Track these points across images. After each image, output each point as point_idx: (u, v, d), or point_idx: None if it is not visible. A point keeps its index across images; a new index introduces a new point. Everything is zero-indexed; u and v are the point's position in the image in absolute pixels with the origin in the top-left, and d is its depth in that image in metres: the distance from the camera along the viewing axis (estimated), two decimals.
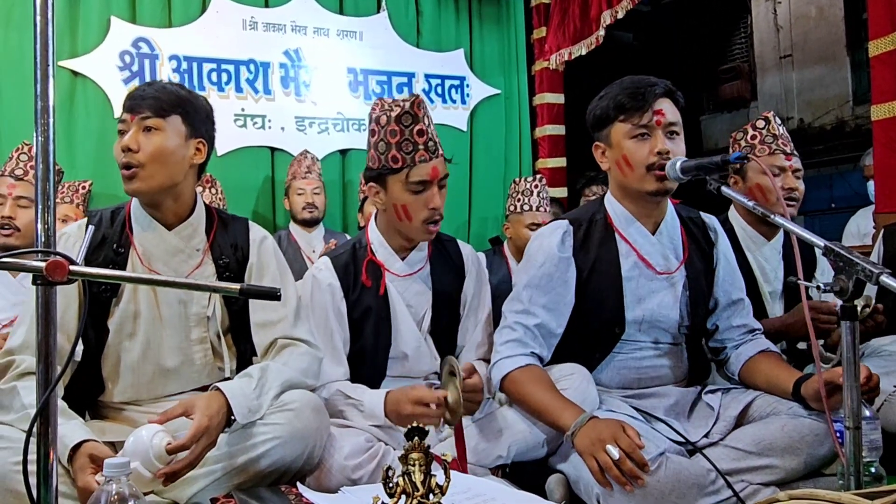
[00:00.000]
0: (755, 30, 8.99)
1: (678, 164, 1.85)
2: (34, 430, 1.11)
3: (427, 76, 4.67)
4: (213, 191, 3.61)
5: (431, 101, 4.65)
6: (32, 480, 1.11)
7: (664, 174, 1.90)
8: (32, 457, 1.09)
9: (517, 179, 3.81)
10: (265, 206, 4.23)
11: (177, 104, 1.84)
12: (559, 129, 4.94)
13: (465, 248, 2.30)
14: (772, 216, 1.60)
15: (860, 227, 4.20)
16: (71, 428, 1.55)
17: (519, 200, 3.69)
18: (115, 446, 1.61)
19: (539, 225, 3.50)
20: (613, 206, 2.07)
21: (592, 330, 2.04)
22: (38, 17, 1.13)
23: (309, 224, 3.83)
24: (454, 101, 4.75)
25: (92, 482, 1.43)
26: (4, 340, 1.85)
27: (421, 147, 2.01)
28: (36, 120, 1.13)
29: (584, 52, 4.55)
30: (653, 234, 2.05)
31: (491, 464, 1.91)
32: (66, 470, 1.52)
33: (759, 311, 2.37)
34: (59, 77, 3.62)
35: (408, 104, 2.02)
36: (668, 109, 1.95)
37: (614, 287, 2.01)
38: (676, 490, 1.61)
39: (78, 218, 3.06)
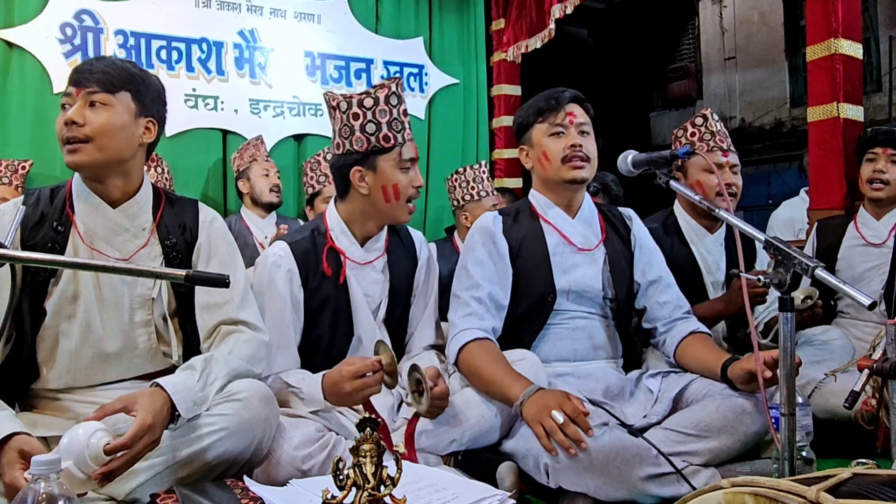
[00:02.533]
0: (702, 31, 9.30)
1: (629, 157, 1.92)
2: None
3: (385, 63, 4.59)
4: (159, 170, 3.48)
5: None
6: None
7: (581, 165, 2.17)
8: None
9: (460, 169, 3.82)
10: (216, 189, 4.10)
11: (127, 81, 1.77)
12: (513, 122, 4.92)
13: (417, 235, 2.35)
14: (716, 210, 1.72)
15: (792, 219, 4.30)
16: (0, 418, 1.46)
17: (473, 188, 3.74)
18: (48, 441, 1.52)
19: (496, 206, 3.63)
20: (536, 197, 2.31)
21: (529, 301, 2.19)
22: None
23: (273, 208, 3.74)
24: (412, 90, 4.68)
25: (20, 479, 1.35)
26: None
27: (407, 126, 2.12)
28: None
29: (538, 46, 4.64)
30: (572, 218, 2.27)
31: (444, 449, 1.94)
32: None
33: (702, 300, 2.55)
34: None
35: (394, 85, 2.10)
36: (578, 112, 2.23)
37: (543, 259, 2.20)
38: (620, 457, 1.71)
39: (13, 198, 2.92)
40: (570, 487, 1.74)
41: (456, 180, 3.81)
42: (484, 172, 3.76)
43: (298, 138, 4.33)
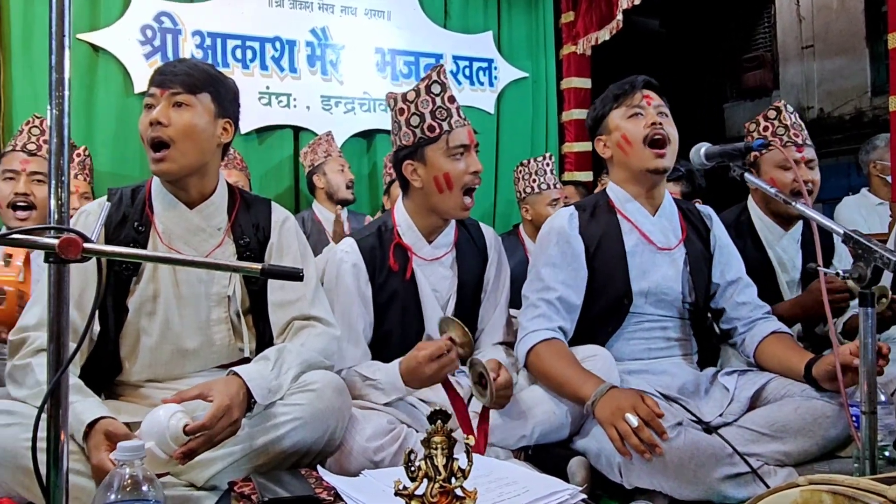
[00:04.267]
0: (778, 20, 9.00)
1: (702, 149, 1.88)
2: (45, 409, 1.08)
3: (455, 58, 4.60)
4: (238, 168, 3.58)
5: (459, 83, 4.58)
6: (42, 458, 1.09)
7: (662, 152, 2.08)
8: (43, 434, 1.07)
9: (524, 161, 3.80)
10: (288, 185, 4.19)
11: (207, 82, 1.83)
12: (585, 114, 4.87)
13: (488, 231, 2.33)
14: (793, 203, 1.65)
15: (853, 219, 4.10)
16: (87, 405, 1.54)
17: (535, 181, 3.71)
18: (131, 427, 1.58)
19: (558, 200, 3.61)
20: (615, 190, 2.21)
21: (604, 303, 2.13)
22: None
23: (347, 203, 3.79)
24: (481, 84, 4.68)
25: (106, 460, 1.42)
26: None
27: (454, 113, 2.09)
28: (50, 93, 1.09)
29: (607, 38, 4.57)
30: (653, 215, 2.18)
31: (514, 444, 1.94)
32: (81, 448, 1.51)
33: (777, 300, 2.45)
34: (79, 51, 3.58)
35: (434, 74, 2.11)
36: (654, 96, 2.16)
37: (620, 261, 2.12)
38: (695, 459, 1.68)
39: (78, 188, 3.06)
40: (644, 486, 1.73)
41: (520, 172, 3.79)
42: (548, 165, 3.73)
43: (369, 134, 4.38)
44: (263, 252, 1.94)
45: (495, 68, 4.73)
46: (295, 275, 1.16)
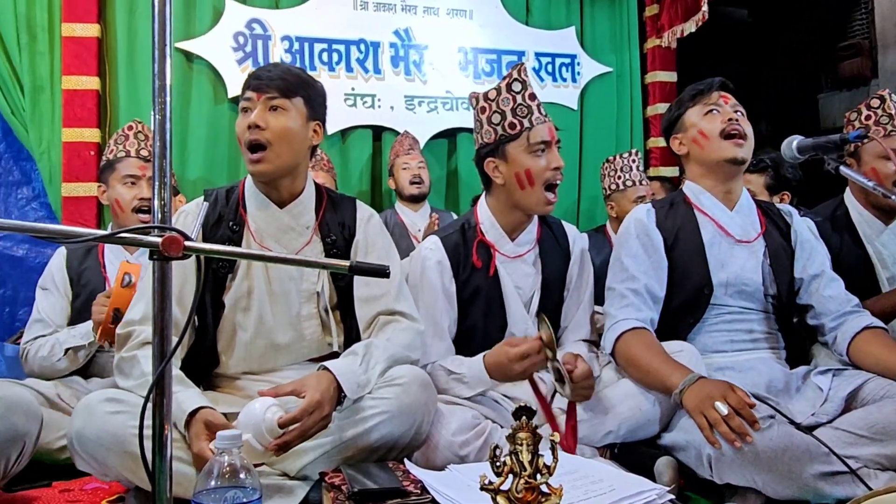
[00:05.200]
0: (876, 5, 8.50)
1: (794, 142, 1.85)
2: (150, 398, 1.13)
3: (537, 54, 4.57)
4: (326, 168, 3.66)
5: (541, 80, 4.55)
6: (148, 445, 1.13)
7: (740, 143, 2.09)
8: (149, 422, 1.12)
9: (611, 157, 3.76)
10: (369, 184, 4.27)
11: (300, 86, 1.89)
12: (664, 118, 4.76)
13: (571, 230, 2.33)
14: (893, 196, 1.62)
15: None
16: (188, 395, 1.61)
17: (620, 178, 3.66)
18: (228, 417, 1.65)
19: (643, 198, 3.56)
20: (691, 187, 2.23)
21: (684, 295, 2.12)
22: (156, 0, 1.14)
23: (416, 200, 3.84)
24: (564, 80, 4.64)
25: (206, 449, 1.48)
26: None
27: (535, 110, 2.11)
28: (154, 99, 1.14)
29: (693, 30, 4.46)
30: (731, 210, 2.18)
31: (600, 441, 1.93)
32: (183, 436, 1.58)
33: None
34: (174, 59, 3.75)
35: (515, 72, 2.12)
36: (730, 96, 2.18)
37: (698, 252, 2.12)
38: (789, 452, 1.61)
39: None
40: (736, 482, 1.67)
41: (606, 169, 3.75)
42: (634, 161, 3.67)
43: (451, 133, 4.40)
44: (349, 249, 1.99)
45: (578, 64, 4.67)
46: (382, 271, 1.18)
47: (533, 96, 2.12)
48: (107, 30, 3.74)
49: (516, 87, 2.11)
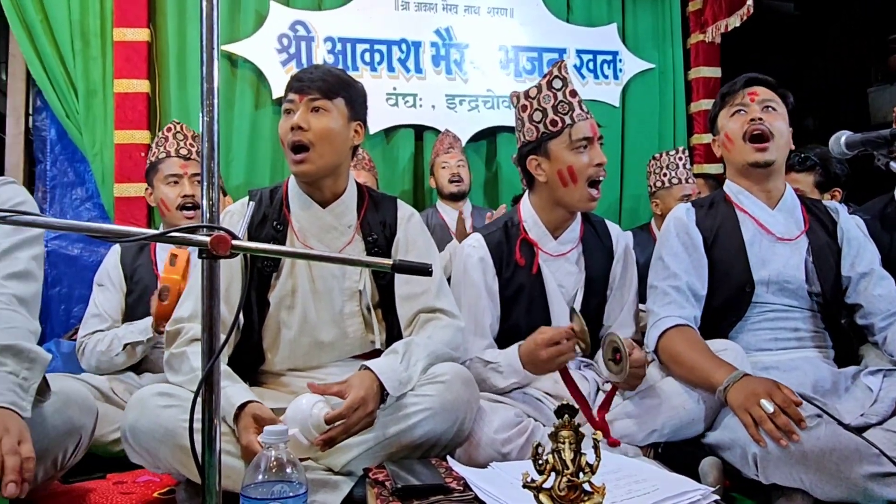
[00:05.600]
0: None
1: (843, 138, 1.81)
2: (200, 393, 1.16)
3: (578, 52, 4.55)
4: (367, 167, 3.70)
5: (583, 77, 4.53)
6: (198, 438, 1.16)
7: (763, 147, 2.09)
8: (198, 416, 1.15)
9: (657, 155, 3.73)
10: (410, 183, 4.30)
11: (342, 87, 1.91)
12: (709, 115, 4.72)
13: (614, 229, 2.32)
14: None
15: None
16: (237, 390, 1.65)
17: (665, 175, 3.63)
18: (274, 412, 1.68)
19: (688, 196, 3.52)
20: (730, 186, 2.23)
21: (726, 293, 2.11)
22: (204, 4, 1.17)
23: (456, 198, 3.85)
24: (606, 77, 4.61)
25: (254, 442, 1.51)
26: None
27: (577, 106, 2.11)
28: (202, 101, 1.17)
29: (738, 24, 4.39)
30: (772, 209, 2.16)
31: (644, 440, 1.92)
32: (231, 429, 1.61)
33: None
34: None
35: (555, 69, 2.13)
36: (762, 91, 2.16)
37: (738, 250, 2.11)
38: (837, 452, 1.56)
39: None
40: (783, 482, 1.64)
41: (652, 166, 3.72)
42: (680, 159, 3.63)
43: (492, 131, 4.40)
44: (390, 248, 2.01)
45: (620, 60, 4.63)
46: (424, 270, 1.19)
47: (574, 93, 2.12)
48: (156, 34, 3.83)
49: (557, 84, 2.12)
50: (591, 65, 4.57)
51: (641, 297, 2.34)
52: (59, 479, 1.84)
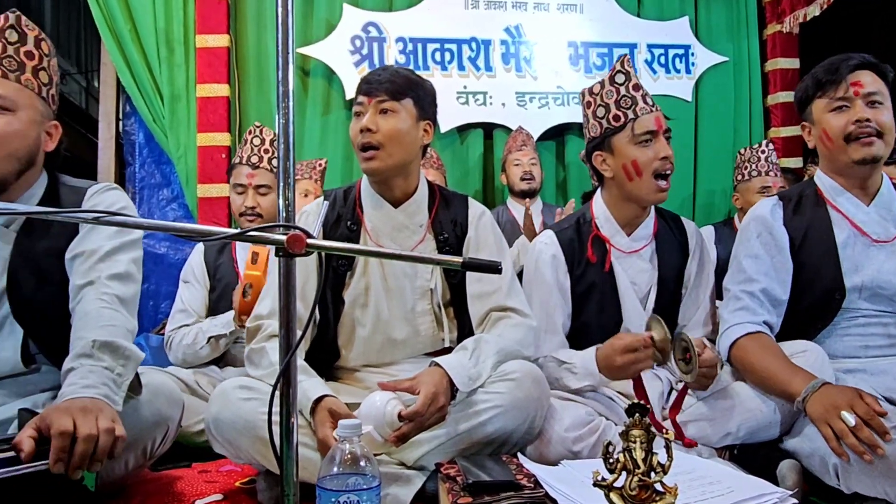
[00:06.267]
0: None
1: None
2: (278, 387, 1.20)
3: (649, 46, 4.48)
4: (435, 166, 3.74)
5: (654, 72, 4.47)
6: (276, 431, 1.21)
7: (869, 142, 1.91)
8: (277, 409, 1.19)
9: (742, 150, 3.67)
10: (484, 181, 4.32)
11: (409, 88, 1.93)
12: (794, 96, 4.54)
13: (690, 226, 2.27)
14: None
15: None
16: (313, 384, 1.70)
17: (746, 168, 3.58)
18: (348, 407, 1.72)
19: (768, 189, 3.45)
20: (823, 180, 2.07)
21: (812, 298, 1.99)
22: (280, 9, 1.21)
23: (527, 196, 3.85)
24: (678, 71, 4.52)
25: (330, 436, 1.56)
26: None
27: (640, 100, 2.08)
28: (277, 104, 1.21)
29: (817, 13, 4.24)
30: (867, 205, 2.01)
31: (718, 443, 1.89)
32: (308, 423, 1.66)
33: None
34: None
35: (618, 64, 2.12)
36: (868, 80, 1.94)
37: (830, 254, 1.97)
38: None
39: (316, 192, 3.32)
40: (866, 492, 1.57)
41: (737, 160, 3.67)
42: (763, 152, 3.55)
43: (563, 128, 4.37)
44: (461, 246, 2.02)
45: (692, 54, 4.54)
46: (493, 267, 1.20)
47: (637, 87, 2.10)
48: (235, 40, 3.98)
49: (619, 78, 2.11)
50: (662, 59, 4.49)
51: (721, 294, 2.26)
52: (149, 467, 1.93)
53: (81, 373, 1.44)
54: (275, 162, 2.70)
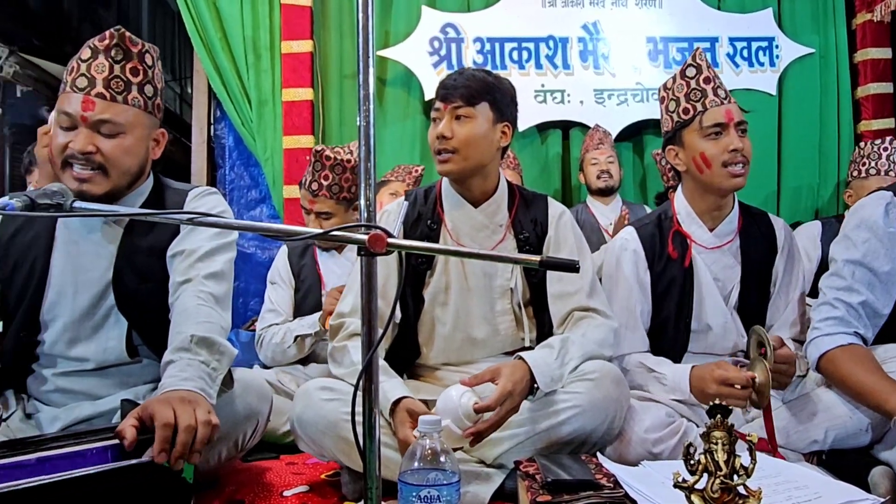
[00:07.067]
0: None
1: None
2: (360, 385, 1.23)
3: (731, 40, 4.35)
4: (512, 165, 3.74)
5: (736, 66, 4.34)
6: (359, 429, 1.24)
7: None
8: (359, 408, 1.22)
9: (862, 144, 3.49)
10: (563, 179, 4.30)
11: (485, 91, 1.94)
12: (886, 87, 4.39)
13: (777, 222, 2.20)
14: None
15: None
16: (392, 385, 1.74)
17: (864, 164, 3.34)
18: (428, 404, 1.76)
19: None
20: None
21: None
22: (360, 15, 1.24)
23: (605, 194, 3.82)
24: (762, 64, 4.37)
25: (410, 435, 1.59)
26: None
27: (710, 93, 2.05)
28: (358, 106, 1.24)
29: None
30: None
31: (805, 449, 1.83)
32: (388, 422, 1.71)
33: None
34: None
35: (690, 58, 2.10)
36: None
37: None
38: None
39: (403, 195, 3.37)
40: None
41: (854, 155, 3.48)
42: (885, 149, 3.32)
43: (642, 124, 4.31)
44: (541, 246, 2.03)
45: (776, 46, 4.38)
46: (571, 266, 1.20)
47: (708, 80, 2.07)
48: (319, 45, 4.09)
49: (690, 72, 2.09)
50: (745, 52, 4.36)
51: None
52: (240, 458, 2.02)
53: (180, 366, 1.51)
54: (335, 189, 2.72)
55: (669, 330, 2.08)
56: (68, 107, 1.67)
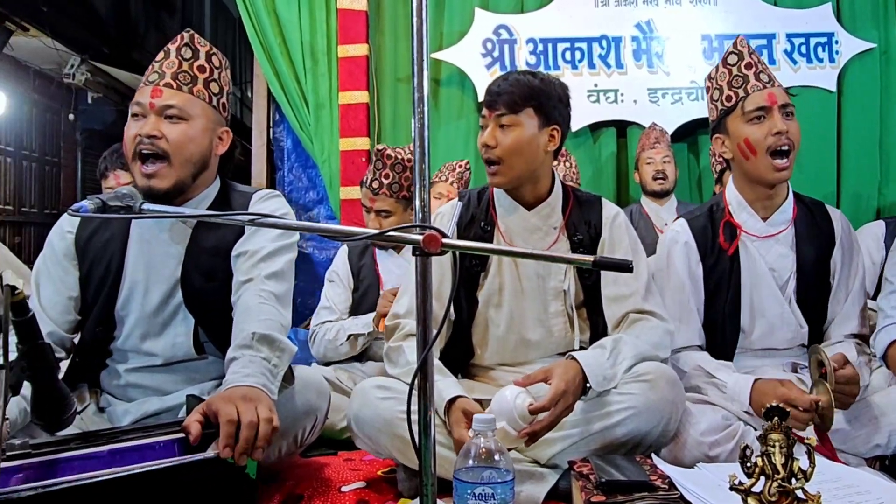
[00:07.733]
0: None
1: None
2: (415, 384, 1.26)
3: (789, 36, 4.26)
4: (567, 164, 3.73)
5: (794, 63, 4.25)
6: (415, 428, 1.27)
7: None
8: (415, 406, 1.25)
9: None
10: (618, 179, 4.28)
11: (529, 97, 1.92)
12: None
13: (835, 213, 2.16)
14: None
15: None
16: (447, 384, 1.77)
17: None
18: (482, 403, 1.78)
19: None
20: None
21: None
22: (415, 18, 1.27)
23: (659, 195, 3.78)
24: (820, 61, 4.27)
25: (465, 435, 1.61)
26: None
27: (752, 78, 2.03)
28: (413, 109, 1.27)
29: None
30: None
31: (867, 453, 1.81)
32: (443, 421, 1.73)
33: None
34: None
35: (732, 46, 2.09)
36: None
37: None
38: None
39: (449, 194, 3.40)
40: None
41: None
42: None
43: (698, 124, 4.25)
44: (595, 247, 2.02)
45: (836, 42, 4.27)
46: (625, 266, 1.20)
47: (749, 65, 2.05)
48: (374, 49, 4.16)
49: (732, 59, 2.08)
50: (803, 49, 4.26)
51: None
52: (299, 454, 2.07)
53: (242, 362, 1.56)
54: (395, 187, 2.75)
55: (723, 322, 2.06)
56: (140, 97, 1.77)
